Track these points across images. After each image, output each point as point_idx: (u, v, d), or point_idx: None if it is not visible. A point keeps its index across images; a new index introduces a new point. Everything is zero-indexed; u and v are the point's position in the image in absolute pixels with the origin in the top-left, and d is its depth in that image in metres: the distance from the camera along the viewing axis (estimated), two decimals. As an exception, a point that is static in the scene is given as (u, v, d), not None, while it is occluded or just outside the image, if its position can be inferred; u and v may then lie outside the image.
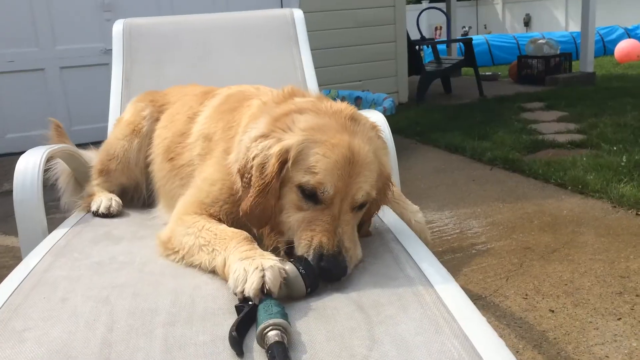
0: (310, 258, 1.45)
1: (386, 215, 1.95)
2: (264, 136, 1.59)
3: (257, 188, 1.55)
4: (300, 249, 1.50)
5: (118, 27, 3.34)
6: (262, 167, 1.55)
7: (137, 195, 2.48)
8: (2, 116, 6.70)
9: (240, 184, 1.62)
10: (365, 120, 1.67)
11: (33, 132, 6.35)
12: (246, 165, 1.59)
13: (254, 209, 1.56)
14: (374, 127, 1.70)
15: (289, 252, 1.54)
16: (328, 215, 1.49)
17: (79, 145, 2.79)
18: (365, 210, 1.65)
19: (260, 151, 1.57)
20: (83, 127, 6.76)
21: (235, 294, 1.37)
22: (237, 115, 1.90)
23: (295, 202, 1.54)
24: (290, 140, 1.54)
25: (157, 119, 2.42)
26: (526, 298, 2.91)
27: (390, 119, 2.58)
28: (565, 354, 2.42)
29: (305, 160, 1.51)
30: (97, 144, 2.73)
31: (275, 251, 1.58)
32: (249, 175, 1.58)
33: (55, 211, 2.65)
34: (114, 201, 2.28)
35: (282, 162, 1.54)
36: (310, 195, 1.51)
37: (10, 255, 3.89)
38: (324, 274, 1.44)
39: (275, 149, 1.54)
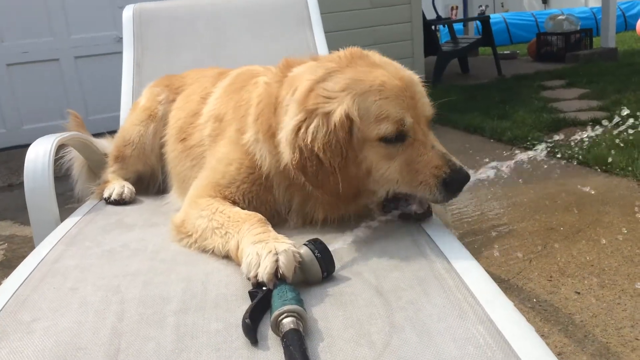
0: (437, 192, 1.50)
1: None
2: (305, 120, 1.52)
3: (337, 166, 1.51)
4: (421, 193, 1.53)
5: (128, 12, 3.29)
6: (330, 145, 1.49)
7: (152, 182, 2.46)
8: (18, 108, 6.72)
9: (304, 178, 1.55)
10: (374, 53, 1.69)
11: (49, 123, 6.45)
12: (303, 156, 1.51)
13: (343, 187, 1.52)
14: (385, 56, 1.70)
15: (388, 204, 1.60)
16: (418, 146, 1.52)
17: (96, 135, 2.76)
18: None
19: (314, 135, 1.50)
20: (99, 117, 6.77)
21: (249, 279, 1.32)
22: (245, 94, 1.86)
23: (382, 154, 1.53)
24: (342, 105, 1.50)
25: (173, 101, 2.40)
26: (551, 280, 2.83)
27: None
28: (593, 336, 2.34)
29: (370, 112, 1.50)
30: (113, 133, 2.71)
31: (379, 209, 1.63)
32: (314, 163, 1.51)
33: (73, 201, 2.63)
34: (127, 188, 2.25)
35: (349, 128, 1.50)
36: (394, 139, 1.51)
37: (29, 245, 3.90)
38: (456, 190, 1.51)
39: (335, 120, 1.49)
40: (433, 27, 9.75)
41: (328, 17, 4.22)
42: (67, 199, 2.87)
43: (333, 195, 1.56)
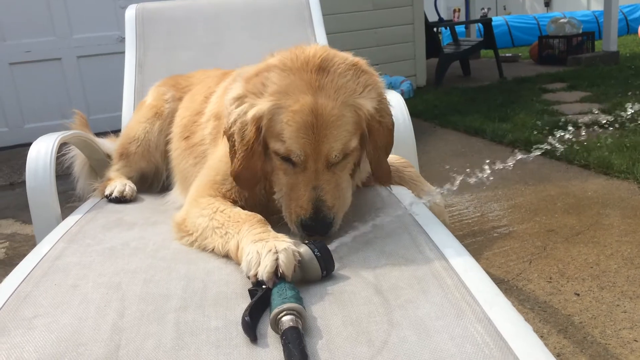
0: (295, 228, 1.55)
1: (403, 196, 1.89)
2: (240, 98, 1.61)
3: (241, 152, 1.59)
4: (289, 222, 1.59)
5: (130, 12, 3.30)
6: (242, 132, 1.59)
7: (156, 181, 2.47)
8: (20, 107, 6.74)
9: (228, 147, 1.66)
10: (338, 65, 1.59)
11: (51, 122, 6.46)
12: (229, 129, 1.62)
13: (241, 172, 1.61)
14: (350, 67, 1.61)
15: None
16: (302, 180, 1.54)
17: (98, 135, 2.78)
18: (355, 157, 1.65)
19: (238, 115, 1.60)
20: (101, 116, 6.76)
21: (249, 277, 1.33)
22: None
23: (279, 166, 1.59)
24: (262, 106, 1.55)
25: (179, 99, 2.43)
26: (550, 281, 2.83)
27: (408, 102, 2.51)
28: (592, 338, 2.35)
29: (275, 128, 1.54)
30: (116, 132, 2.73)
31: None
32: (233, 140, 1.62)
33: (74, 199, 2.65)
34: (128, 187, 2.26)
35: (258, 127, 1.57)
36: (287, 159, 1.55)
37: (30, 244, 3.91)
38: (310, 234, 1.54)
39: (250, 115, 1.57)
40: (435, 29, 9.75)
41: (330, 18, 4.23)
42: (69, 197, 2.87)
43: (234, 179, 1.66)
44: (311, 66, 1.56)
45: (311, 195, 1.52)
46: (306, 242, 1.41)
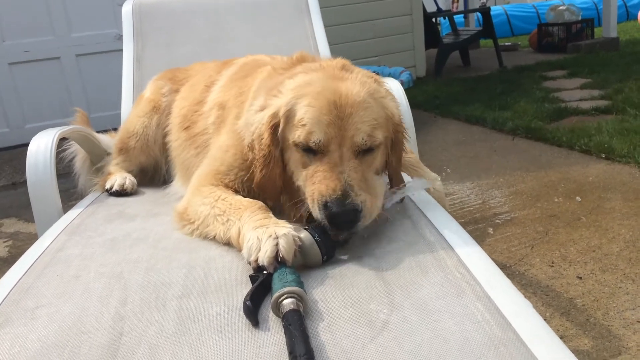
0: (316, 212, 1.40)
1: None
2: (262, 108, 1.58)
3: (260, 160, 1.55)
4: (307, 206, 1.45)
5: (127, 7, 3.30)
6: (260, 139, 1.55)
7: (156, 175, 2.47)
8: (21, 106, 6.75)
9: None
10: (359, 70, 1.62)
11: (52, 122, 6.45)
12: (252, 141, 1.59)
13: (264, 181, 1.56)
14: (370, 76, 1.62)
15: (312, 219, 1.47)
16: (326, 163, 1.42)
17: (99, 132, 2.78)
18: (380, 158, 1.56)
19: (258, 123, 1.57)
20: (102, 114, 6.76)
21: (249, 263, 1.34)
22: (250, 80, 1.87)
23: (299, 161, 1.50)
24: (278, 102, 1.53)
25: (177, 91, 2.43)
26: (552, 266, 2.83)
27: (408, 93, 2.51)
28: (595, 320, 2.35)
29: (294, 117, 1.48)
30: (116, 130, 2.72)
31: (300, 221, 1.53)
32: (255, 150, 1.58)
33: (76, 197, 2.65)
34: (128, 180, 2.27)
35: (275, 127, 1.52)
36: (308, 149, 1.46)
37: (33, 242, 3.88)
38: (333, 222, 1.36)
39: (266, 117, 1.54)
40: (434, 19, 9.72)
41: (328, 10, 4.22)
42: (71, 195, 2.88)
43: (258, 190, 1.61)
44: (335, 66, 1.59)
45: (339, 177, 1.38)
46: (306, 227, 1.41)
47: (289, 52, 2.10)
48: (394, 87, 2.32)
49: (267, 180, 1.55)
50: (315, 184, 1.42)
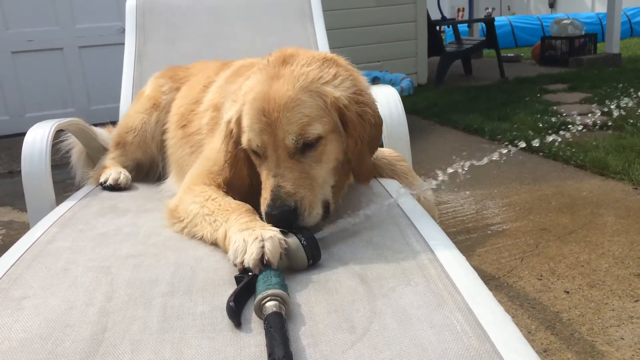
0: (265, 219, 1.47)
1: (394, 189, 1.91)
2: (227, 111, 1.69)
3: (227, 159, 1.65)
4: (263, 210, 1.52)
5: (131, 2, 3.31)
6: (226, 140, 1.65)
7: (152, 171, 2.49)
8: (21, 95, 6.76)
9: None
10: (303, 58, 1.60)
11: (52, 111, 6.49)
12: (222, 143, 1.69)
13: (231, 180, 1.65)
14: (319, 60, 1.60)
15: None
16: (264, 170, 1.52)
17: (98, 125, 2.79)
18: (332, 148, 1.56)
19: (224, 127, 1.67)
20: (102, 107, 6.82)
21: (235, 264, 1.35)
22: (242, 81, 1.88)
23: (256, 162, 1.59)
24: (233, 109, 1.62)
25: (177, 89, 2.45)
26: (541, 279, 2.85)
27: (408, 99, 2.53)
28: (579, 335, 2.37)
29: (242, 123, 1.57)
30: (115, 123, 2.74)
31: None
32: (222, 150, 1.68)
33: (72, 188, 2.66)
34: (123, 175, 2.28)
35: (232, 131, 1.61)
36: (255, 152, 1.56)
37: (26, 231, 3.93)
38: (275, 225, 1.43)
39: (224, 121, 1.65)
40: (438, 27, 9.74)
41: (332, 14, 4.25)
42: (67, 186, 2.89)
43: (227, 187, 1.69)
44: (279, 61, 1.59)
45: (271, 182, 1.48)
46: (293, 231, 1.42)
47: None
48: (390, 95, 2.34)
49: (236, 179, 1.65)
50: (264, 190, 1.52)
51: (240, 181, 1.63)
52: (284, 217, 1.43)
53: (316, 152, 1.52)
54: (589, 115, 6.20)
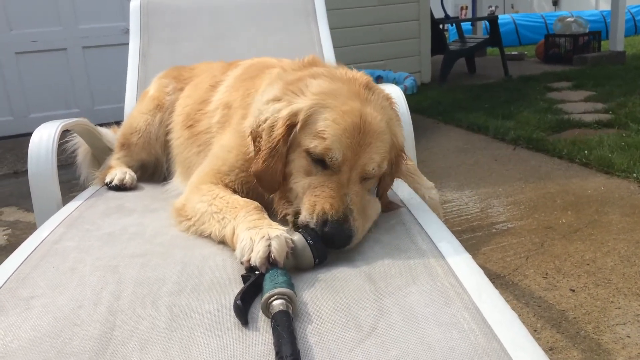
0: (313, 223, 1.42)
1: (400, 189, 1.91)
2: (276, 99, 1.58)
3: (266, 151, 1.54)
4: (303, 215, 1.46)
5: (135, 3, 3.32)
6: (271, 130, 1.54)
7: (157, 172, 2.49)
8: (25, 96, 6.78)
9: (252, 146, 1.62)
10: (380, 90, 1.64)
11: (56, 112, 6.50)
12: (258, 128, 1.59)
13: (263, 173, 1.56)
14: (387, 97, 1.66)
15: (297, 222, 1.50)
16: (335, 182, 1.46)
17: (102, 125, 2.80)
18: (379, 183, 1.65)
19: (270, 114, 1.56)
20: (106, 107, 6.83)
21: (242, 263, 1.35)
22: (257, 81, 1.89)
23: (304, 167, 1.52)
24: (300, 104, 1.52)
25: (181, 90, 2.45)
26: (546, 277, 2.85)
27: (412, 98, 2.53)
28: (585, 333, 2.37)
29: (315, 125, 1.49)
30: (119, 123, 2.74)
31: (284, 220, 1.56)
32: (260, 138, 1.57)
33: (78, 188, 2.67)
34: (128, 175, 2.29)
35: (290, 126, 1.52)
36: (318, 161, 1.49)
37: (32, 231, 3.88)
38: (327, 241, 1.40)
39: (284, 112, 1.53)
40: (441, 26, 9.73)
41: (335, 13, 4.25)
42: (73, 186, 2.90)
43: (256, 179, 1.61)
44: (359, 82, 1.59)
45: (343, 199, 1.43)
46: (299, 230, 1.43)
47: (293, 53, 2.12)
48: (395, 94, 2.34)
49: (268, 171, 1.56)
50: (318, 197, 1.45)
51: (271, 176, 1.56)
52: (343, 241, 1.42)
53: (370, 182, 1.58)
54: (594, 113, 6.19)
